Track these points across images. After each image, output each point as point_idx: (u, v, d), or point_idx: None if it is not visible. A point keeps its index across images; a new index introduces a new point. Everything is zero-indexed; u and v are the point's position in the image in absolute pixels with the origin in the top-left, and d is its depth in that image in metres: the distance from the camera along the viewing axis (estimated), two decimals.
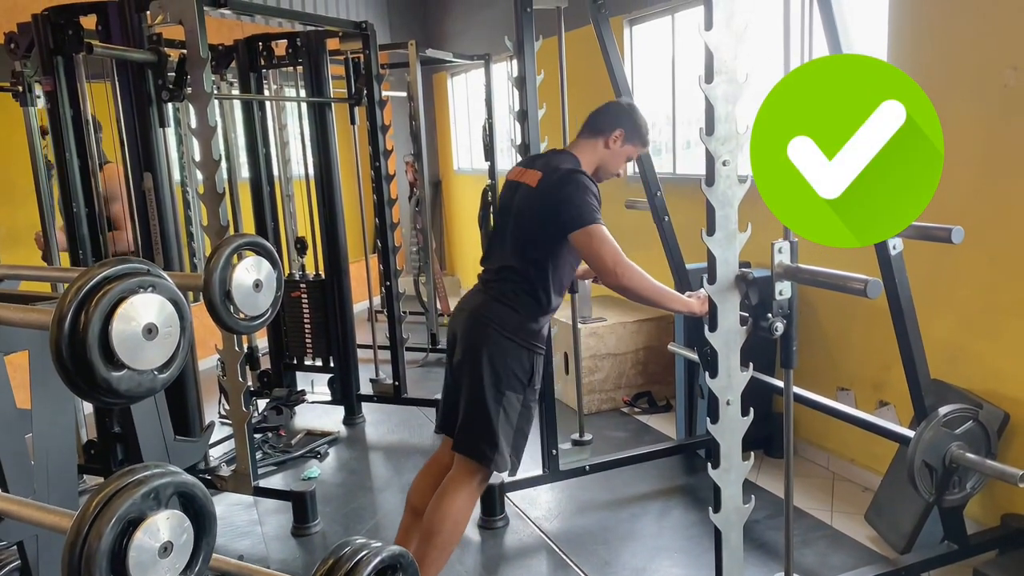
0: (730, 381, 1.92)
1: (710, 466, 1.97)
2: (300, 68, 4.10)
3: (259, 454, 3.82)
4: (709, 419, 1.96)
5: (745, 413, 1.94)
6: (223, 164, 2.87)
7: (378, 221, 4.17)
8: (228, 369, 2.95)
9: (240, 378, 2.93)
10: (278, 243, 4.39)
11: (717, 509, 1.98)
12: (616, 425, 4.23)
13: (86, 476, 3.32)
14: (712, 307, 1.90)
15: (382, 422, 4.42)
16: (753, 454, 2.02)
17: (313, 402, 4.45)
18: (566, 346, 4.24)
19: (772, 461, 3.56)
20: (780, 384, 2.41)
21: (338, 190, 4.16)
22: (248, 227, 4.39)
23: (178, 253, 3.08)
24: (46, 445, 1.42)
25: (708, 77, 1.77)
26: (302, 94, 4.20)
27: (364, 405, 4.46)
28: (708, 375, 1.93)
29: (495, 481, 3.11)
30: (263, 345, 4.57)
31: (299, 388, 4.45)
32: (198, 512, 0.83)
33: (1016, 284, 2.67)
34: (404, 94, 5.32)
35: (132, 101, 2.88)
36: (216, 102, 3.12)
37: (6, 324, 0.95)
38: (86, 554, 0.74)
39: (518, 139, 3.05)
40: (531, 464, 3.36)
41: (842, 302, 3.30)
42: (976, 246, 2.58)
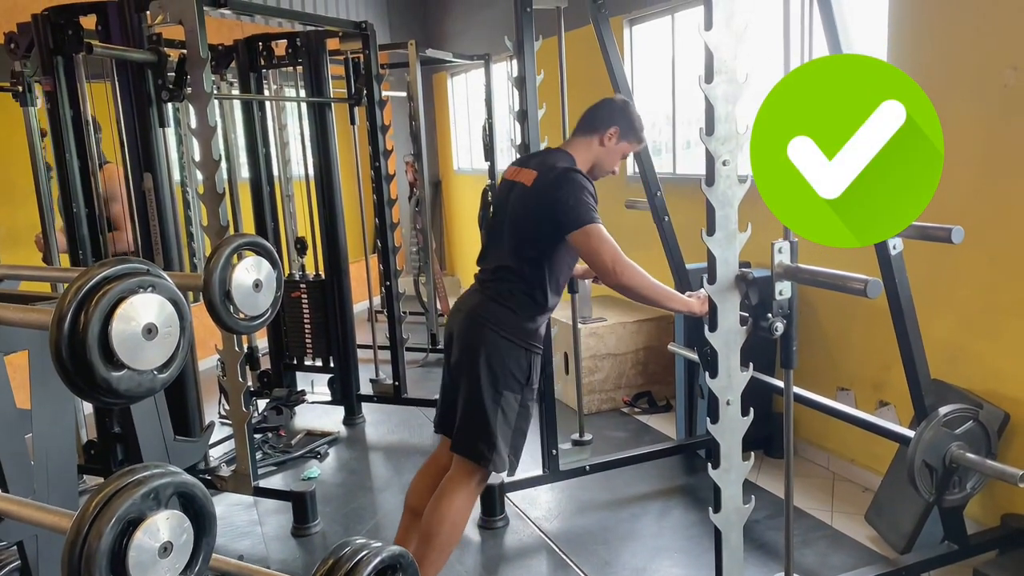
0: (730, 381, 1.92)
1: (710, 466, 1.97)
2: (300, 68, 4.10)
3: (259, 454, 3.82)
4: (709, 419, 1.96)
5: (745, 413, 1.94)
6: (223, 164, 2.87)
7: (378, 221, 4.17)
8: (228, 369, 2.95)
9: (240, 378, 2.93)
10: (278, 243, 4.39)
11: (717, 509, 1.98)
12: (616, 425, 4.23)
13: (86, 476, 3.32)
14: (712, 307, 1.90)
15: (382, 422, 4.42)
16: (753, 454, 2.02)
17: (313, 402, 4.45)
18: (566, 346, 4.24)
19: (772, 461, 3.56)
20: (780, 384, 2.41)
21: (338, 190, 4.16)
22: (248, 227, 4.39)
23: (178, 253, 3.08)
24: (46, 445, 1.42)
25: (708, 77, 1.77)
26: (302, 94, 4.20)
27: (364, 405, 4.47)
28: (708, 375, 1.93)
29: (495, 481, 3.11)
30: (263, 345, 4.57)
31: (299, 388, 4.45)
32: (198, 512, 0.83)
33: (1016, 284, 2.67)
34: (404, 94, 5.32)
35: (132, 101, 2.88)
36: (216, 102, 3.13)
37: (6, 324, 0.95)
38: (86, 554, 0.74)
39: (518, 139, 3.05)
40: (531, 464, 3.36)
41: (842, 302, 3.30)
42: (976, 246, 2.58)
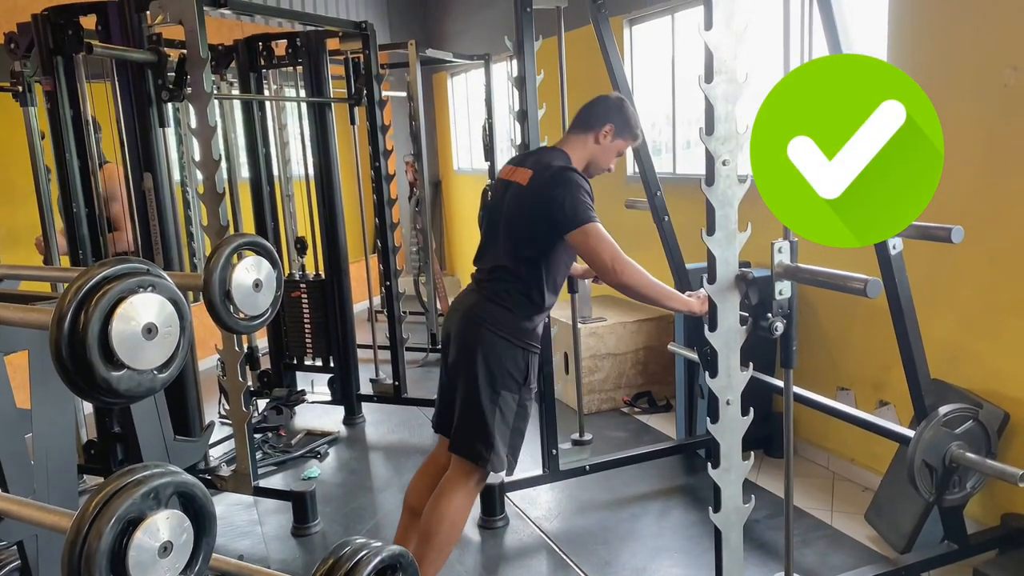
0: (730, 381, 1.92)
1: (710, 466, 1.97)
2: (300, 68, 4.10)
3: (259, 454, 3.82)
4: (709, 419, 1.96)
5: (745, 413, 1.94)
6: (223, 164, 2.87)
7: (378, 221, 4.17)
8: (228, 369, 2.95)
9: (240, 378, 2.93)
10: (278, 243, 4.39)
11: (717, 509, 1.98)
12: (616, 425, 4.23)
13: (86, 476, 3.32)
14: (712, 307, 1.90)
15: (382, 422, 4.42)
16: (753, 454, 2.02)
17: (313, 402, 4.45)
18: (566, 346, 4.24)
19: (772, 461, 3.56)
20: (780, 384, 2.41)
21: (338, 190, 4.16)
22: (248, 227, 4.39)
23: (178, 253, 3.08)
24: (46, 445, 1.42)
25: (708, 77, 1.77)
26: (302, 94, 4.20)
27: (364, 405, 4.47)
28: (708, 375, 1.93)
29: (495, 481, 3.11)
30: (263, 345, 4.57)
31: (299, 388, 4.45)
32: (198, 512, 0.83)
33: (1016, 284, 2.67)
34: (404, 94, 5.32)
35: (132, 101, 2.88)
36: (216, 102, 3.13)
37: (6, 324, 0.95)
38: (86, 554, 0.74)
39: (518, 139, 3.05)
40: (531, 464, 3.36)
41: (842, 302, 3.30)
42: (976, 246, 2.58)
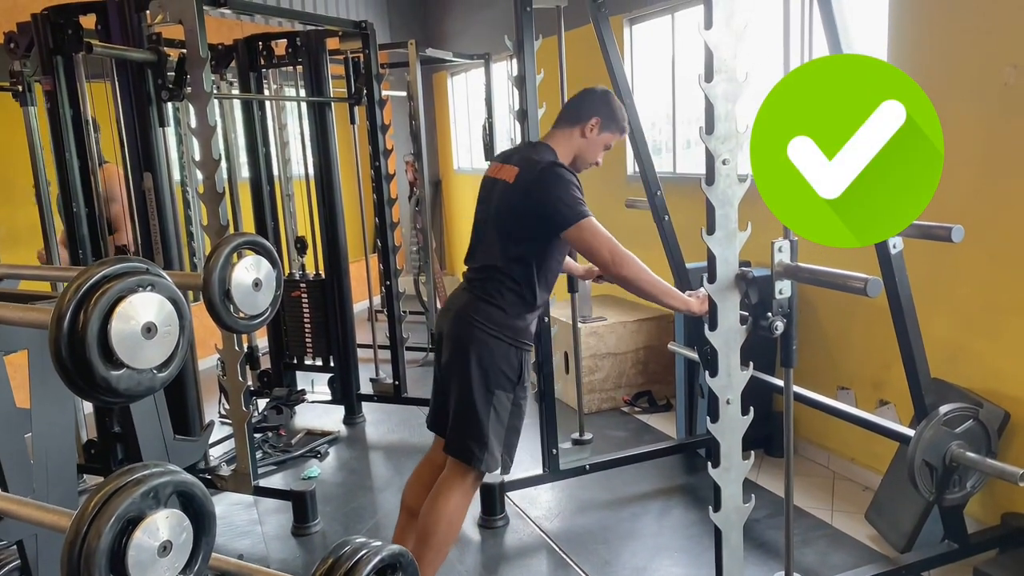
0: (730, 380, 1.92)
1: (710, 465, 1.97)
2: (300, 68, 4.10)
3: (259, 454, 3.82)
4: (709, 418, 1.96)
5: (745, 412, 1.94)
6: (223, 164, 2.87)
7: (378, 221, 4.17)
8: (228, 368, 2.95)
9: (240, 377, 2.93)
10: (278, 243, 4.39)
11: (717, 508, 1.98)
12: (616, 424, 4.23)
13: (86, 476, 3.32)
14: (712, 306, 1.90)
15: (382, 422, 4.42)
16: (753, 453, 2.02)
17: (313, 402, 4.45)
18: (566, 345, 4.24)
19: (772, 460, 3.56)
20: (780, 383, 2.41)
21: (338, 190, 4.16)
22: (248, 227, 4.39)
23: (178, 252, 3.08)
24: (46, 444, 1.42)
25: (708, 76, 1.77)
26: (302, 94, 4.20)
27: (364, 404, 4.47)
28: (708, 374, 1.93)
29: (495, 481, 3.11)
30: (263, 345, 4.57)
31: (299, 388, 4.45)
32: (197, 511, 0.83)
33: (1016, 283, 2.67)
34: (404, 94, 5.31)
35: (132, 101, 2.89)
36: (216, 102, 3.13)
37: (6, 323, 0.95)
38: (85, 553, 0.74)
39: (518, 138, 3.05)
40: (531, 463, 3.36)
41: (842, 301, 3.30)
42: (976, 245, 2.58)
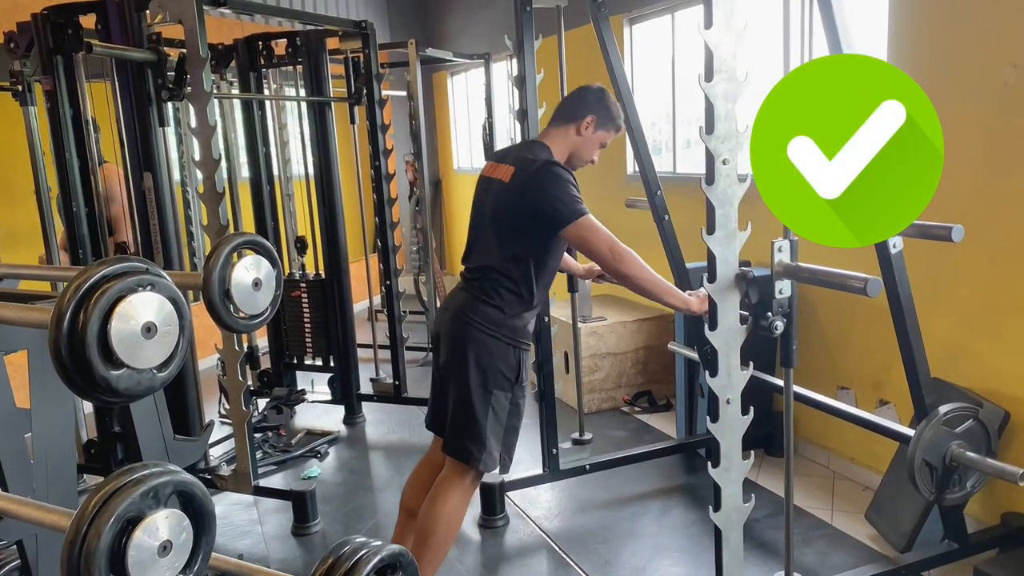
0: (730, 380, 1.92)
1: (710, 465, 1.97)
2: (300, 67, 4.10)
3: (259, 453, 3.82)
4: (709, 418, 1.96)
5: (745, 412, 1.94)
6: (223, 164, 2.87)
7: (378, 220, 4.17)
8: (228, 368, 2.95)
9: (240, 377, 2.93)
10: (278, 242, 4.39)
11: (717, 508, 1.98)
12: (616, 424, 4.23)
13: (86, 476, 3.32)
14: (712, 306, 1.90)
15: (382, 421, 4.42)
16: (753, 453, 2.02)
17: (313, 401, 4.44)
18: (566, 345, 4.24)
19: (772, 460, 3.56)
20: (780, 383, 2.41)
21: (338, 190, 4.16)
22: (248, 227, 4.39)
23: (178, 252, 3.08)
24: (45, 444, 1.42)
25: (708, 75, 1.77)
26: (302, 93, 4.20)
27: (364, 404, 4.47)
28: (708, 374, 1.93)
29: (495, 481, 3.11)
30: (263, 344, 4.57)
31: (299, 387, 4.44)
32: (197, 511, 0.83)
33: (1016, 283, 2.67)
34: (404, 93, 5.31)
35: (132, 101, 2.88)
36: (216, 101, 3.13)
37: (5, 323, 0.95)
38: (85, 553, 0.74)
39: (518, 138, 3.04)
40: (531, 463, 3.37)
41: (842, 301, 3.30)
42: (976, 245, 2.58)
